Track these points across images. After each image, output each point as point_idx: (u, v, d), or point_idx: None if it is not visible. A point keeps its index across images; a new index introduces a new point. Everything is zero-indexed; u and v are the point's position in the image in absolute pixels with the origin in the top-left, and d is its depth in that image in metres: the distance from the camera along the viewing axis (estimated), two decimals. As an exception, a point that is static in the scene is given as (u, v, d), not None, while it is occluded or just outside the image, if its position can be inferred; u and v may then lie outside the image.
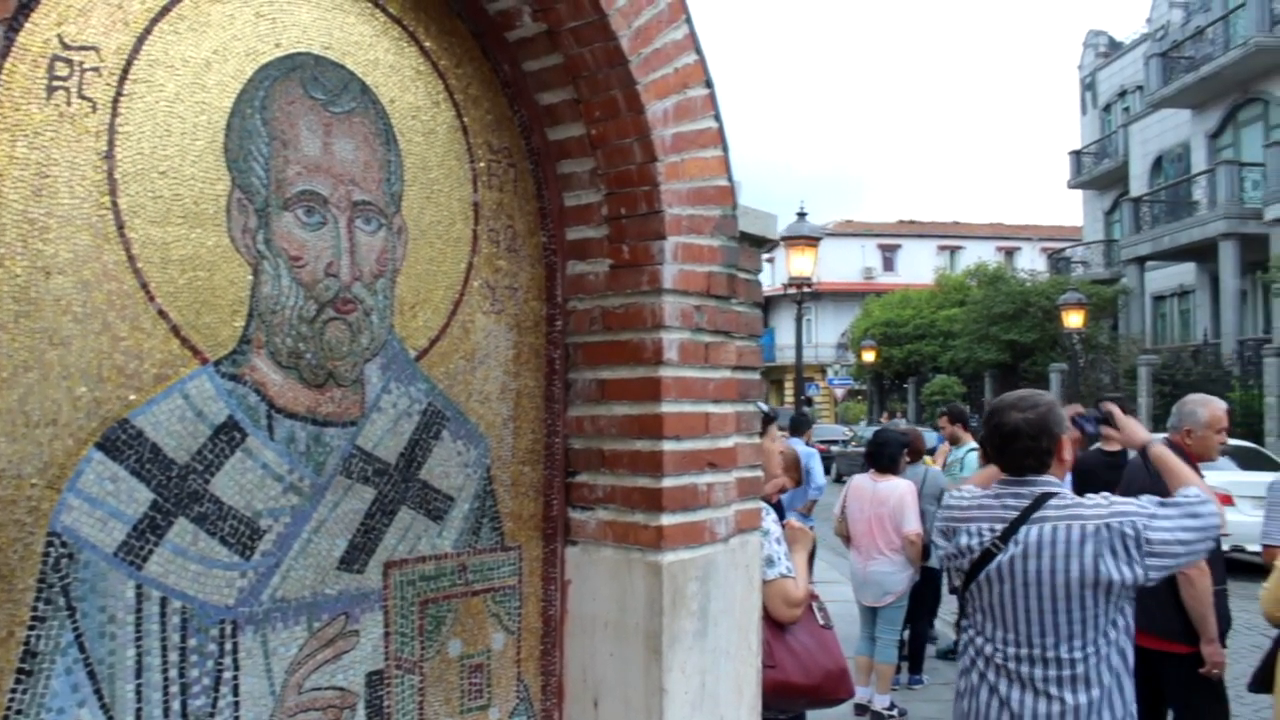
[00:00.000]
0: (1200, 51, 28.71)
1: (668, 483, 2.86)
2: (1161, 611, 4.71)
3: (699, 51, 3.01)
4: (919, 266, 54.55)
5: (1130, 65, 36.37)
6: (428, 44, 2.83)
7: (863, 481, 7.63)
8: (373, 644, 2.64)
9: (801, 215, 16.73)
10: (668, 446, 2.86)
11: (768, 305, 57.56)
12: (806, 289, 16.91)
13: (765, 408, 4.21)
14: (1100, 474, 5.58)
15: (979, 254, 49.40)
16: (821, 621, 3.97)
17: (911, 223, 61.43)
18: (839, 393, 47.78)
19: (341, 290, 2.58)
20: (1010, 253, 56.06)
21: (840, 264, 54.97)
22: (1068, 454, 3.09)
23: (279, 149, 2.47)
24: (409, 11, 2.79)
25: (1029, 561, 2.92)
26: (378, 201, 2.67)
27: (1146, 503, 2.95)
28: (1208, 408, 5.01)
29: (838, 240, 54.98)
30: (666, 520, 2.86)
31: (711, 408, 3.01)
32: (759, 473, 3.26)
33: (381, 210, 2.68)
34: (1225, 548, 4.78)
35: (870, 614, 7.54)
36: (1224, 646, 4.68)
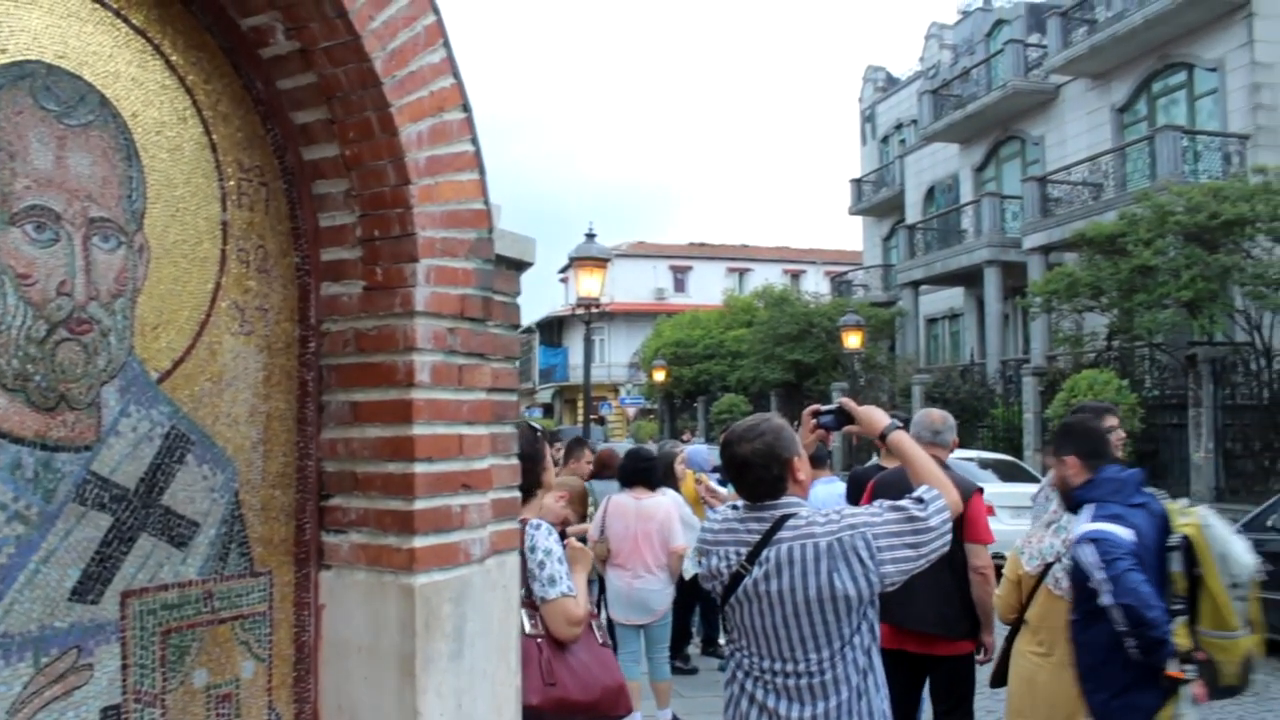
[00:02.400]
0: (967, 91, 30.64)
1: (420, 505, 2.86)
2: (954, 615, 5.06)
3: (456, 75, 3.02)
4: (709, 288, 55.69)
5: (906, 100, 38.38)
6: (174, 58, 2.75)
7: (624, 500, 7.54)
8: (109, 677, 2.53)
9: (590, 236, 16.86)
10: (420, 469, 2.86)
11: (561, 325, 58.03)
12: (596, 309, 17.06)
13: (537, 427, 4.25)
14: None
15: (766, 276, 50.83)
16: (600, 640, 4.04)
17: (702, 245, 62.85)
18: (631, 412, 48.21)
19: (76, 310, 2.47)
20: (796, 275, 57.98)
21: (633, 285, 55.66)
22: (803, 474, 3.17)
23: (5, 161, 2.35)
24: (154, 24, 2.70)
25: (771, 581, 3.03)
26: (117, 219, 2.57)
27: (878, 508, 3.08)
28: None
29: (631, 261, 55.79)
30: (419, 542, 2.85)
31: (465, 429, 3.02)
32: (516, 494, 3.28)
33: (121, 228, 2.58)
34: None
35: (634, 634, 7.44)
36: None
